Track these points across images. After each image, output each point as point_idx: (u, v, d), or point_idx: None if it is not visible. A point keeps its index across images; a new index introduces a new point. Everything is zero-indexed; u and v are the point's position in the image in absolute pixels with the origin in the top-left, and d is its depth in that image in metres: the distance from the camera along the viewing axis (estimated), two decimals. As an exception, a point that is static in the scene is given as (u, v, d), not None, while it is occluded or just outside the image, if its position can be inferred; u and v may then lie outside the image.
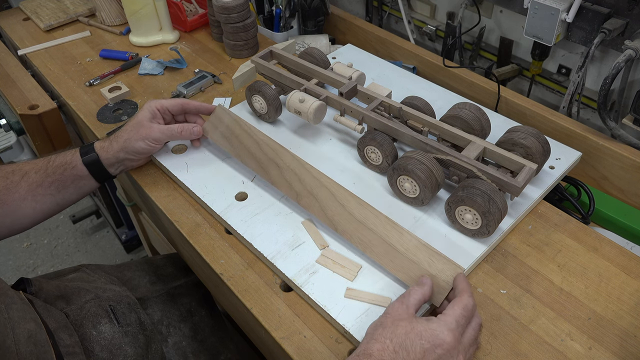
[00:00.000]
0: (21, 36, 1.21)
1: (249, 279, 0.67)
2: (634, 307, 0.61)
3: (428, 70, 1.03)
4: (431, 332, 0.51)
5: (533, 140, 0.70)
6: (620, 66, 0.74)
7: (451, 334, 0.51)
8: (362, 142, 0.76)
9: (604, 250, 0.67)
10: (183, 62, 1.08)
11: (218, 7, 1.01)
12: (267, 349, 0.69)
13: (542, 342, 0.58)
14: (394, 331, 0.51)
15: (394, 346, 0.50)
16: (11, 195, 0.73)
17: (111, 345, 0.72)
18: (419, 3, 1.12)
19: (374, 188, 0.76)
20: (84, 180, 0.78)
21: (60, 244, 1.85)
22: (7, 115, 1.06)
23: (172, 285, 0.91)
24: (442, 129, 0.73)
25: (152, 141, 0.77)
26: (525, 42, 0.97)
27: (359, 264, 0.66)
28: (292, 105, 0.79)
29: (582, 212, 0.75)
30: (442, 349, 0.50)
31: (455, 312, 0.53)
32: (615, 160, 0.80)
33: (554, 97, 0.98)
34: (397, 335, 0.50)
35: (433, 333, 0.50)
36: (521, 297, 0.63)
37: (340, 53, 1.04)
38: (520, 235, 0.70)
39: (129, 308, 0.79)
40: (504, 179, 0.65)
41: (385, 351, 0.50)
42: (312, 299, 0.62)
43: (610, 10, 0.79)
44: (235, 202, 0.75)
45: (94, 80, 1.04)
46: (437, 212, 0.72)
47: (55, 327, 0.68)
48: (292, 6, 1.14)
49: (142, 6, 1.09)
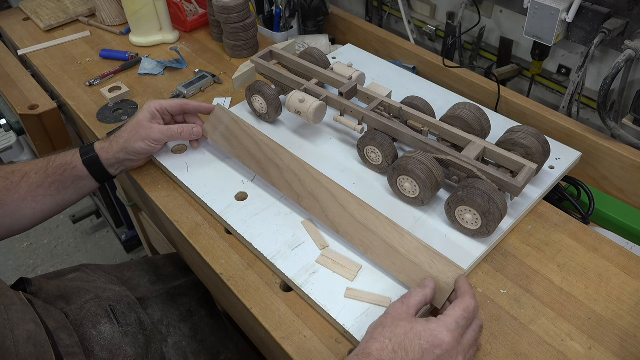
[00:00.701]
0: (21, 36, 1.21)
1: (249, 279, 0.67)
2: (634, 307, 0.61)
3: (428, 70, 1.03)
4: (430, 333, 0.51)
5: (533, 140, 0.70)
6: (620, 66, 0.74)
7: (450, 335, 0.51)
8: (362, 142, 0.76)
9: (604, 250, 0.67)
10: (183, 62, 1.08)
11: (218, 7, 1.01)
12: (267, 349, 0.69)
13: (542, 342, 0.58)
14: (393, 331, 0.51)
15: (393, 346, 0.50)
16: (11, 196, 0.73)
17: (111, 345, 0.72)
18: (419, 3, 1.12)
19: (374, 188, 0.76)
20: (84, 181, 0.78)
21: (61, 244, 1.85)
22: (7, 115, 1.06)
23: (172, 285, 0.91)
24: (442, 129, 0.73)
25: (152, 142, 0.77)
26: (525, 42, 0.97)
27: (359, 264, 0.66)
28: (292, 105, 0.79)
29: (582, 212, 0.75)
30: (441, 350, 0.50)
31: (455, 313, 0.53)
32: (615, 160, 0.80)
33: (554, 97, 0.98)
34: (397, 335, 0.51)
35: (432, 333, 0.51)
36: (521, 297, 0.63)
37: (340, 53, 1.04)
38: (520, 235, 0.70)
39: (128, 308, 0.79)
40: (504, 179, 0.65)
41: (384, 351, 0.50)
42: (312, 299, 0.62)
43: (610, 10, 0.79)
44: (235, 202, 0.75)
45: (94, 80, 1.04)
46: (437, 212, 0.72)
47: (54, 327, 0.68)
48: (292, 6, 1.14)
49: (142, 6, 1.09)
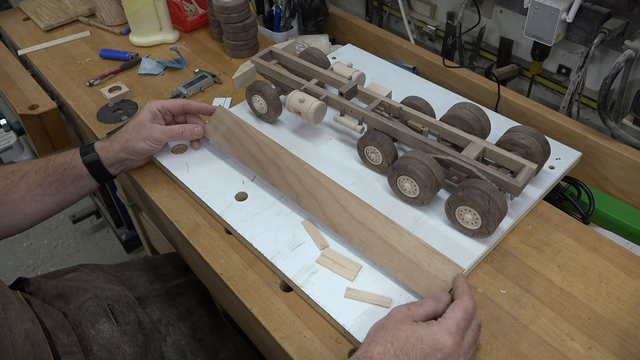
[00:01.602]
0: (21, 36, 1.21)
1: (249, 279, 0.67)
2: (634, 307, 0.61)
3: (428, 70, 1.03)
4: (432, 337, 0.51)
5: (533, 140, 0.70)
6: (620, 66, 0.74)
7: (452, 338, 0.51)
8: (362, 142, 0.76)
9: (604, 250, 0.67)
10: (183, 62, 1.08)
11: (218, 7, 1.01)
12: (267, 349, 0.69)
13: (542, 342, 0.58)
14: (395, 334, 0.51)
15: (395, 350, 0.50)
16: (11, 195, 0.73)
17: (110, 345, 0.72)
18: (419, 3, 1.12)
19: (374, 188, 0.76)
20: (84, 180, 0.78)
21: (60, 244, 1.85)
22: (7, 115, 1.06)
23: (170, 285, 0.91)
24: (442, 129, 0.73)
25: (153, 142, 0.77)
26: (525, 42, 0.97)
27: (359, 264, 0.66)
28: (292, 105, 0.79)
29: (582, 212, 0.75)
30: (443, 353, 0.50)
31: (456, 316, 0.53)
32: (615, 160, 0.80)
33: (554, 97, 0.98)
34: (398, 339, 0.51)
35: (434, 337, 0.50)
36: (521, 297, 0.63)
37: (340, 53, 1.04)
38: (520, 235, 0.70)
39: (127, 307, 0.79)
40: (504, 179, 0.65)
41: (385, 354, 0.50)
42: (312, 299, 0.62)
43: (610, 10, 0.79)
44: (235, 202, 0.75)
45: (94, 80, 1.04)
46: (437, 212, 0.72)
47: (52, 327, 0.67)
48: (292, 6, 1.14)
49: (142, 6, 1.09)
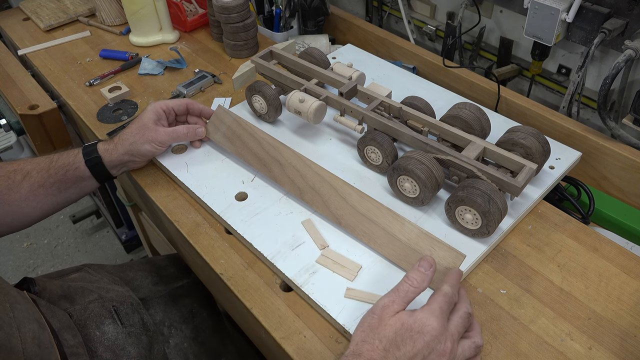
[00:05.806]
0: (21, 36, 1.21)
1: (249, 279, 0.67)
2: (634, 307, 0.61)
3: (428, 70, 1.03)
4: (418, 322, 0.52)
5: (533, 140, 0.70)
6: (620, 66, 0.74)
7: (436, 320, 0.52)
8: (362, 142, 0.76)
9: (604, 250, 0.67)
10: (183, 62, 1.08)
11: (218, 7, 1.01)
12: (267, 349, 0.69)
13: (542, 342, 0.58)
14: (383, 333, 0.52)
15: (384, 345, 0.51)
16: (13, 195, 0.74)
17: (114, 346, 0.72)
18: (419, 3, 1.12)
19: (374, 188, 0.76)
20: (85, 181, 0.78)
21: (61, 244, 1.85)
22: (7, 115, 1.06)
23: (173, 286, 0.91)
24: (442, 129, 0.73)
25: (158, 144, 0.78)
26: (525, 42, 0.97)
27: (359, 264, 0.66)
28: (292, 105, 0.79)
29: (582, 212, 0.75)
30: (430, 335, 0.51)
31: (436, 300, 0.54)
32: (615, 160, 0.80)
33: (554, 97, 0.98)
34: (386, 336, 0.51)
35: (420, 322, 0.52)
36: (521, 297, 0.63)
37: (340, 53, 1.04)
38: (520, 235, 0.70)
39: (132, 309, 0.79)
40: (504, 179, 0.65)
41: (375, 351, 0.50)
42: (312, 299, 0.62)
43: (610, 10, 0.79)
44: (235, 202, 0.75)
45: (94, 80, 1.04)
46: (437, 212, 0.72)
47: (59, 328, 0.68)
48: (292, 6, 1.14)
49: (142, 6, 1.09)
